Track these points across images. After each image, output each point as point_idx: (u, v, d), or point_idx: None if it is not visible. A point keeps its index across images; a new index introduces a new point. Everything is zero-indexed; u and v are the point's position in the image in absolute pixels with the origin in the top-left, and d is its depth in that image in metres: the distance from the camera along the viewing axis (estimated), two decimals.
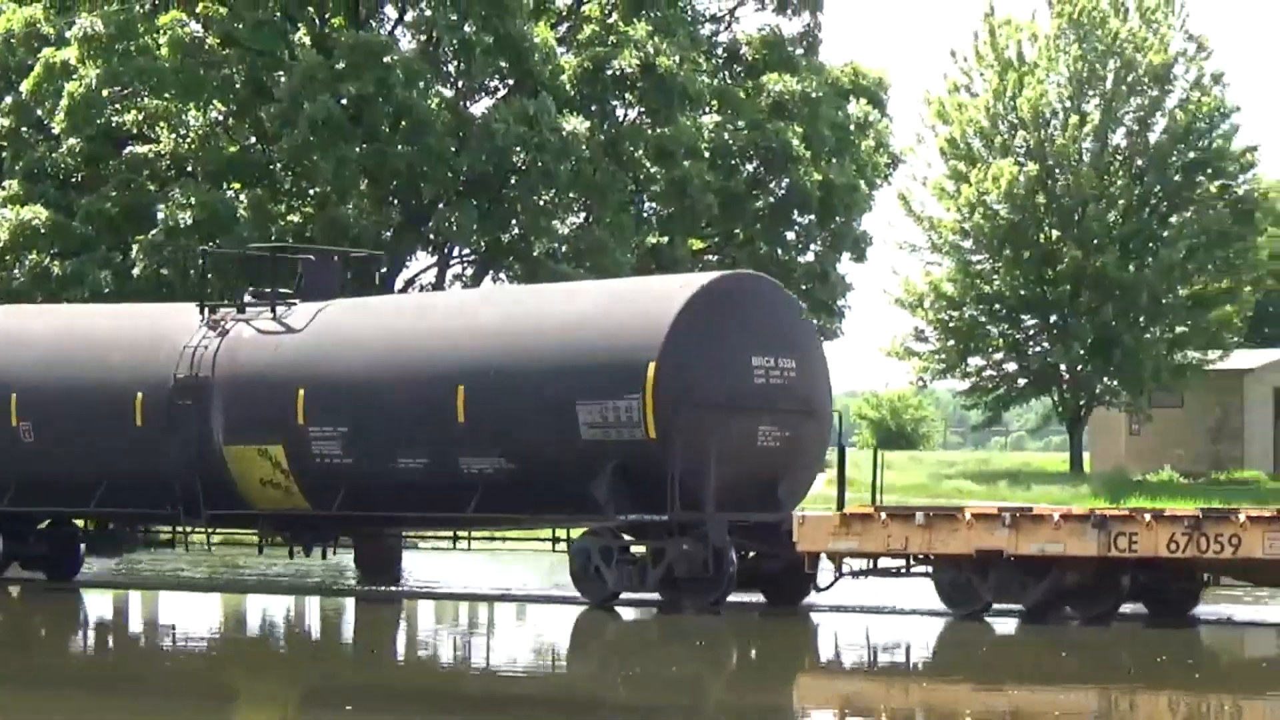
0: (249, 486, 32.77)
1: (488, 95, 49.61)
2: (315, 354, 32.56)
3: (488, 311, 32.47)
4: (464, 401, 30.93)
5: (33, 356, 35.00)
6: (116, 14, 46.08)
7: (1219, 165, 71.88)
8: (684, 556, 29.17)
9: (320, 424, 32.06)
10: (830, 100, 51.69)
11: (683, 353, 29.75)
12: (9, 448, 34.57)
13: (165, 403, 33.22)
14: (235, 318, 33.79)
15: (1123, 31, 71.14)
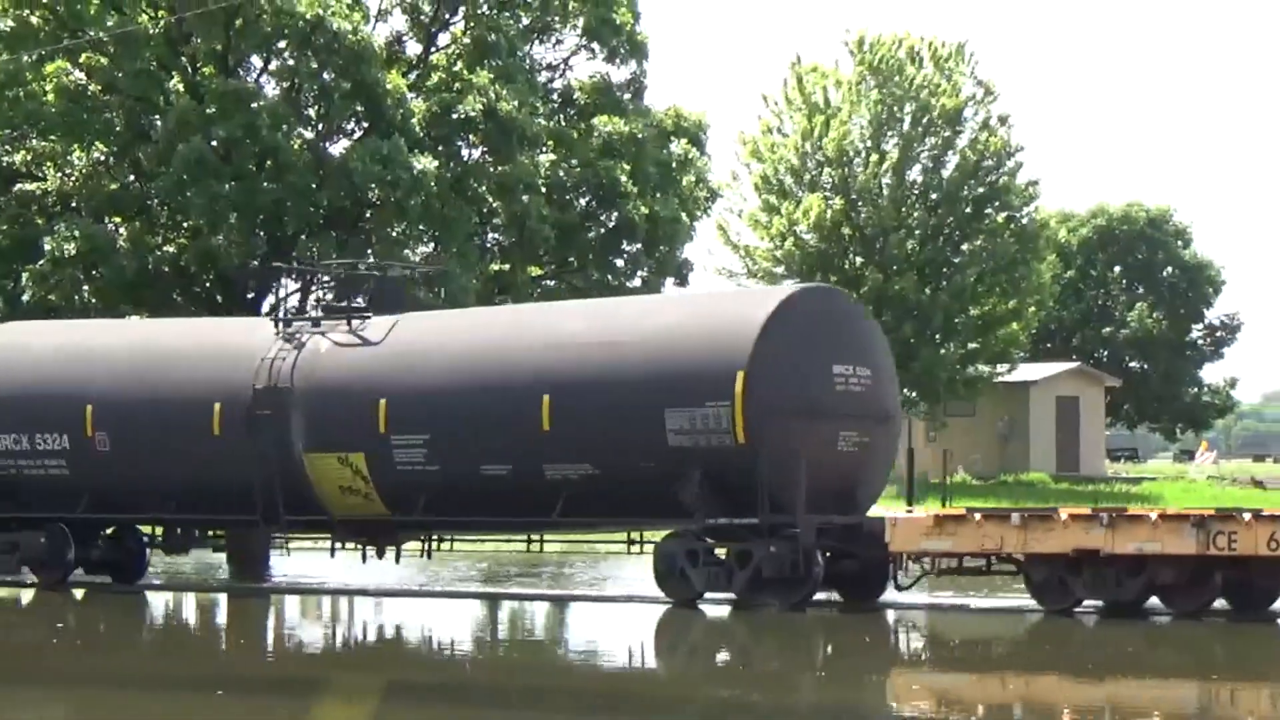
0: (328, 493, 31.48)
1: (345, 137, 49.89)
2: (395, 365, 31.24)
3: (571, 322, 31.01)
4: (549, 410, 29.58)
5: (108, 369, 33.63)
6: (7, 62, 46.32)
7: (1005, 198, 72.18)
8: (772, 558, 27.95)
9: (402, 433, 30.67)
10: (655, 140, 52.47)
11: (770, 362, 28.58)
12: (85, 457, 33.17)
13: (244, 413, 31.90)
14: (311, 331, 32.57)
15: (918, 78, 71.29)
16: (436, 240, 49.05)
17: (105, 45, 47.09)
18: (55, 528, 33.20)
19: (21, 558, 33.32)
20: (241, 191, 46.23)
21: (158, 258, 47.68)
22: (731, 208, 73.15)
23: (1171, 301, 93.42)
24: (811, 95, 72.39)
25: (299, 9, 46.12)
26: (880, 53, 71.37)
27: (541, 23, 52.75)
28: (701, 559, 28.58)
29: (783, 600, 28.25)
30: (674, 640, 26.70)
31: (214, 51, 48.31)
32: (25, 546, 33.19)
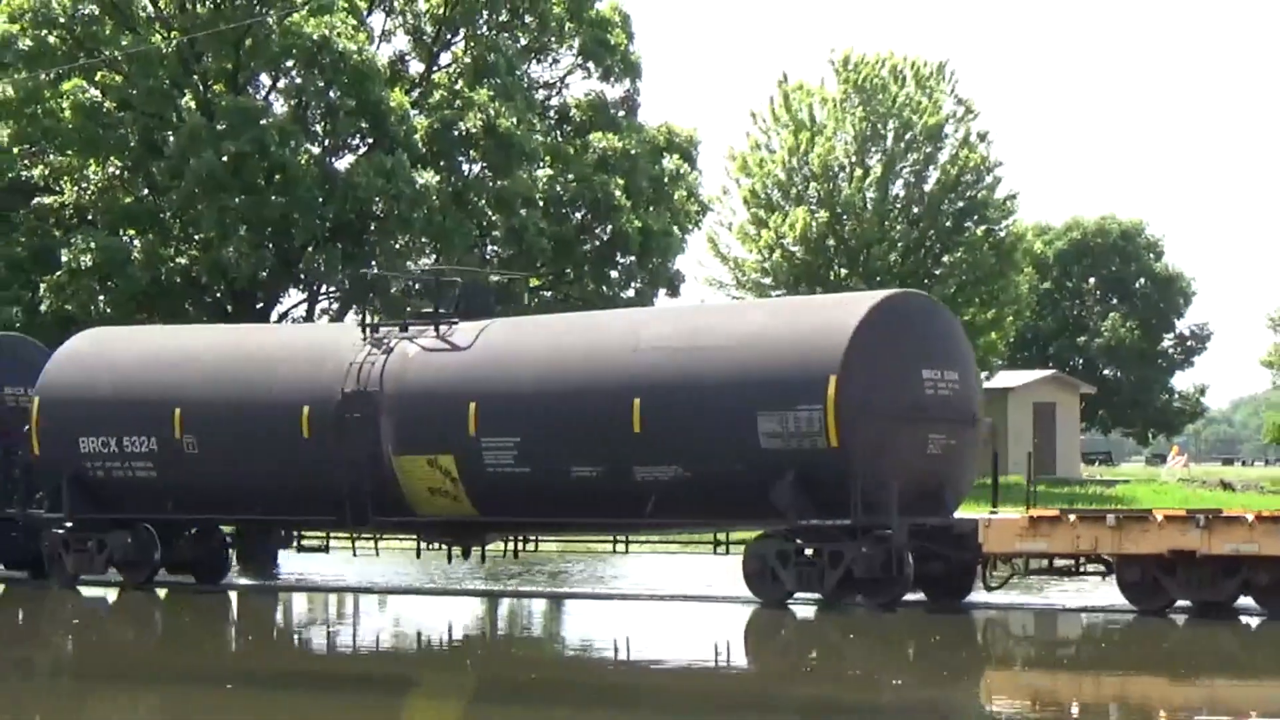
0: (416, 494, 30.77)
1: (350, 152, 50.25)
2: (485, 369, 30.50)
3: (660, 326, 30.23)
4: (639, 413, 28.92)
5: (197, 373, 32.89)
6: (25, 81, 46.68)
7: (984, 212, 71.92)
8: (864, 558, 27.33)
9: (493, 435, 29.92)
10: (648, 156, 53.00)
11: (862, 365, 27.97)
12: (173, 459, 32.41)
13: (333, 416, 31.13)
14: (399, 336, 31.73)
15: (901, 96, 71.14)
16: (438, 252, 49.39)
17: (120, 64, 47.46)
18: (141, 528, 32.71)
19: (109, 558, 32.78)
20: (250, 205, 46.56)
21: (170, 269, 48.05)
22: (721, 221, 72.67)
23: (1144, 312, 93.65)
24: (798, 113, 72.19)
25: (306, 30, 46.43)
26: (864, 72, 71.30)
27: (539, 43, 53.12)
28: (793, 559, 28.05)
29: (873, 600, 27.75)
30: (764, 640, 26.10)
31: (224, 70, 48.70)
32: (113, 546, 32.65)
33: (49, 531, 33.27)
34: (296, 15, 47.13)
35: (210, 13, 48.14)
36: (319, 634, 27.10)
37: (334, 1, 47.45)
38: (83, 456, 32.93)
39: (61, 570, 33.10)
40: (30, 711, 18.80)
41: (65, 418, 33.16)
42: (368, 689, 20.40)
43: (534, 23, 52.08)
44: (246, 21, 47.29)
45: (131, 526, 32.68)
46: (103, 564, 32.89)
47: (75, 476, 32.98)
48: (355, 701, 19.50)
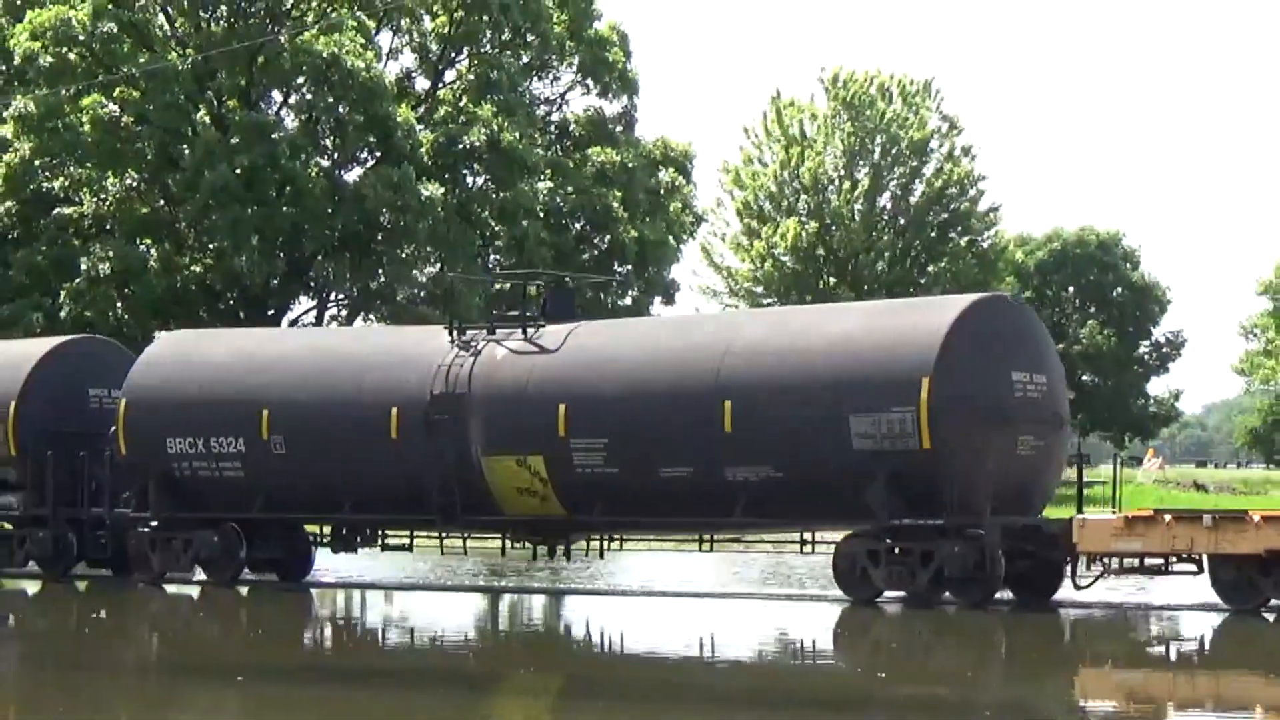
0: (505, 494, 30.05)
1: (358, 165, 50.38)
2: (574, 371, 29.79)
3: (751, 329, 29.51)
4: (731, 414, 28.21)
5: (284, 375, 32.17)
6: (46, 97, 46.83)
7: (967, 223, 72.29)
8: (956, 558, 26.69)
9: (582, 436, 29.25)
10: (644, 169, 53.04)
11: (954, 368, 27.30)
12: (260, 460, 31.69)
13: (421, 417, 30.35)
14: (486, 339, 30.99)
15: (888, 112, 71.47)
16: (442, 261, 49.48)
17: (137, 81, 47.56)
18: (227, 527, 32.06)
19: (195, 556, 32.15)
20: (263, 216, 46.75)
21: (186, 277, 48.25)
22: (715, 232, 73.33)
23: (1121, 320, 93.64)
24: (789, 128, 72.61)
25: (316, 48, 46.59)
26: (853, 89, 71.64)
27: (540, 61, 53.21)
28: (883, 558, 27.35)
29: (964, 599, 27.16)
30: (856, 637, 25.43)
31: (238, 87, 48.80)
32: (199, 545, 32.01)
33: (135, 530, 32.69)
34: (307, 34, 47.32)
35: (224, 32, 48.29)
36: (401, 631, 26.48)
37: (343, 21, 47.63)
38: (170, 457, 32.34)
39: (147, 568, 32.51)
40: (119, 707, 18.53)
41: (152, 419, 32.52)
42: (455, 685, 19.86)
43: (535, 41, 52.20)
44: (259, 40, 47.45)
45: (217, 525, 32.14)
46: (189, 562, 32.36)
47: (162, 476, 32.42)
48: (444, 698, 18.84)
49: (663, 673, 21.16)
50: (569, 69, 53.76)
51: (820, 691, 19.32)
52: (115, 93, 47.91)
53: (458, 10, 50.78)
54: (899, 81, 72.12)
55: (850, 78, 71.81)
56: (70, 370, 34.55)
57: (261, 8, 48.74)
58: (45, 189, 49.16)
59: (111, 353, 35.62)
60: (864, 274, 70.38)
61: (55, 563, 33.83)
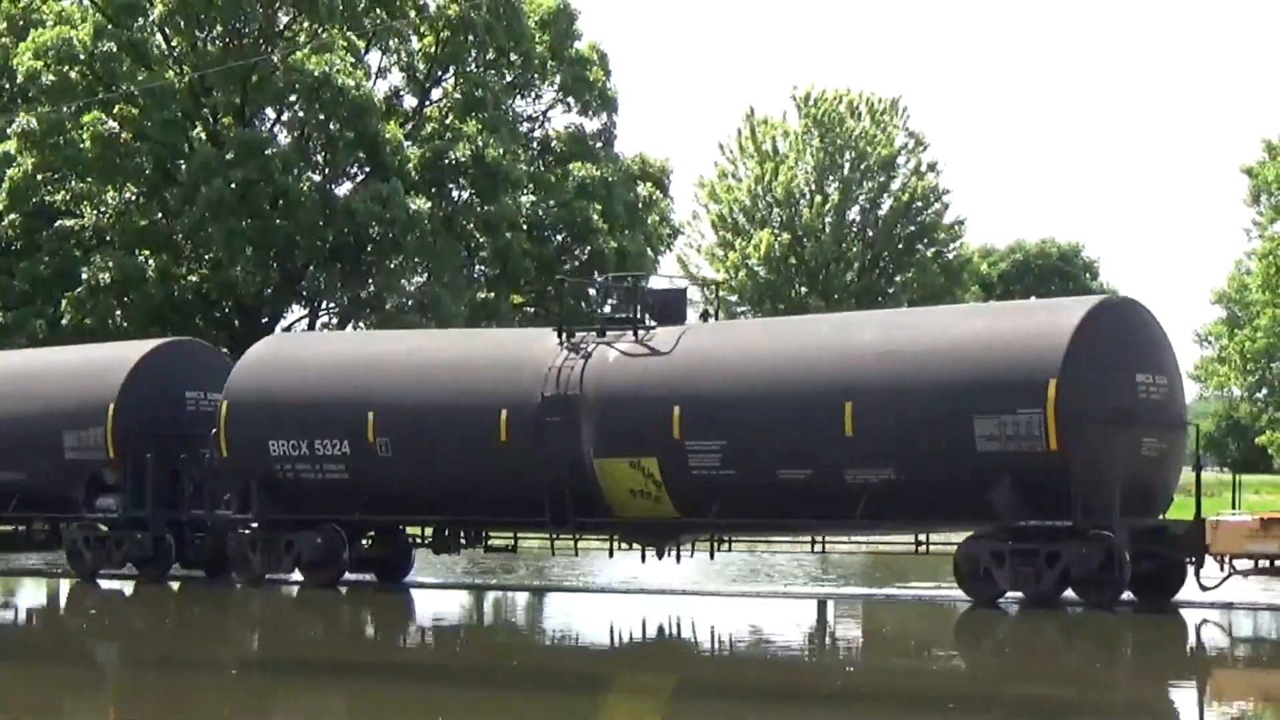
0: (617, 496, 28.89)
1: (349, 180, 50.37)
2: (688, 373, 28.58)
3: (870, 331, 28.31)
4: (851, 416, 27.07)
5: (390, 377, 30.96)
6: (48, 114, 46.75)
7: (933, 235, 72.68)
8: (1082, 559, 25.71)
9: (697, 439, 28.07)
10: (623, 184, 53.10)
11: (1080, 369, 26.21)
12: (365, 462, 30.47)
13: (531, 419, 29.22)
14: (596, 341, 29.71)
15: (857, 130, 71.88)
16: (429, 272, 49.51)
17: (136, 98, 47.49)
18: (330, 529, 30.80)
19: (297, 557, 31.00)
20: (257, 228, 46.74)
21: (183, 286, 48.15)
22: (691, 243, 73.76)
23: None
24: (762, 144, 72.97)
25: (308, 67, 46.56)
26: (823, 107, 72.01)
27: (523, 80, 53.25)
28: (1008, 559, 26.23)
29: (1090, 599, 26.10)
30: (979, 638, 24.40)
31: (233, 104, 48.77)
32: (301, 546, 30.87)
33: (235, 532, 31.64)
34: (299, 54, 47.25)
35: (220, 51, 48.23)
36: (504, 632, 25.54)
37: (334, 41, 47.58)
38: (272, 459, 31.19)
39: (248, 569, 31.47)
40: (220, 704, 18.11)
41: (254, 421, 31.41)
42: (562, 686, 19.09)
43: (519, 61, 52.23)
44: (253, 59, 47.40)
45: (319, 527, 31.01)
46: (290, 563, 31.25)
47: (264, 478, 31.23)
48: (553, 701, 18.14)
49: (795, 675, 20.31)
50: (551, 87, 53.81)
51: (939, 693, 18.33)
52: (115, 110, 47.84)
53: (444, 31, 50.78)
54: (867, 100, 72.51)
55: (821, 96, 72.13)
56: (167, 373, 33.38)
57: (255, 28, 48.67)
58: (47, 202, 49.07)
59: (207, 355, 34.83)
60: (834, 284, 70.69)
61: (153, 565, 32.75)
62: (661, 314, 30.08)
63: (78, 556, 33.13)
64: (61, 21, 48.02)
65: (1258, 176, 67.66)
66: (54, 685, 19.49)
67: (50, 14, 48.77)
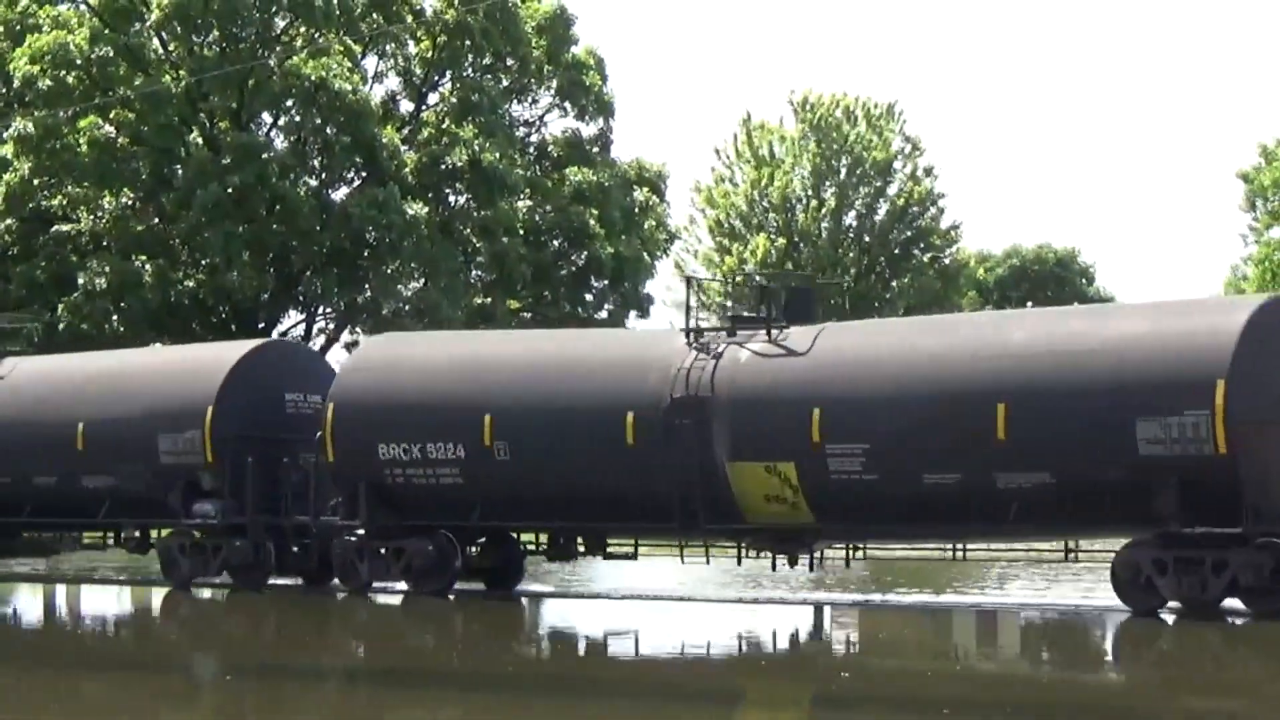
0: (750, 502, 27.61)
1: (345, 185, 50.26)
2: (827, 374, 27.35)
3: (1024, 330, 27.03)
4: (1005, 419, 25.86)
5: (508, 379, 29.70)
6: (45, 118, 46.63)
7: (929, 240, 72.57)
8: (1252, 567, 24.63)
9: (838, 442, 26.81)
10: (620, 189, 52.89)
11: (1247, 370, 25.06)
12: (482, 466, 29.19)
13: (660, 422, 27.96)
14: (727, 341, 28.52)
15: (853, 135, 71.73)
16: (426, 277, 49.34)
17: (132, 103, 47.42)
18: (442, 536, 29.71)
19: (406, 565, 29.70)
20: (253, 233, 46.65)
21: (179, 291, 47.97)
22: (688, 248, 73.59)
23: None
24: (759, 149, 72.88)
25: (305, 72, 46.49)
26: (820, 112, 71.91)
27: (520, 84, 53.18)
28: (1171, 567, 25.13)
29: (1256, 609, 24.92)
30: (1140, 648, 23.40)
31: (229, 109, 48.70)
32: (411, 554, 29.59)
33: (341, 539, 30.44)
34: (296, 59, 47.17)
35: (216, 56, 48.15)
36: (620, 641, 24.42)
37: (331, 46, 47.52)
38: (381, 463, 29.91)
39: (354, 577, 30.27)
40: (328, 716, 17.59)
41: (363, 424, 30.13)
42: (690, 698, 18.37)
43: (515, 66, 52.17)
44: (250, 64, 47.33)
45: (429, 534, 29.83)
46: (399, 571, 29.94)
47: (373, 483, 29.97)
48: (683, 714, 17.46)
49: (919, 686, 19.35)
50: (547, 92, 53.75)
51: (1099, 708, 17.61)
52: (111, 114, 47.77)
53: (441, 36, 50.72)
54: (864, 105, 72.41)
55: (818, 101, 72.04)
56: (266, 374, 32.19)
57: (252, 33, 48.61)
58: (44, 207, 49.01)
59: (306, 356, 33.87)
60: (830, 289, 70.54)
61: (252, 572, 31.48)
62: (790, 313, 28.88)
63: (173, 564, 31.95)
64: (58, 26, 47.88)
65: (1253, 182, 67.65)
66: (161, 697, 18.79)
67: (47, 19, 48.60)
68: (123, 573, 36.97)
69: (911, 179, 72.45)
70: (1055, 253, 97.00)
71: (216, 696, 18.89)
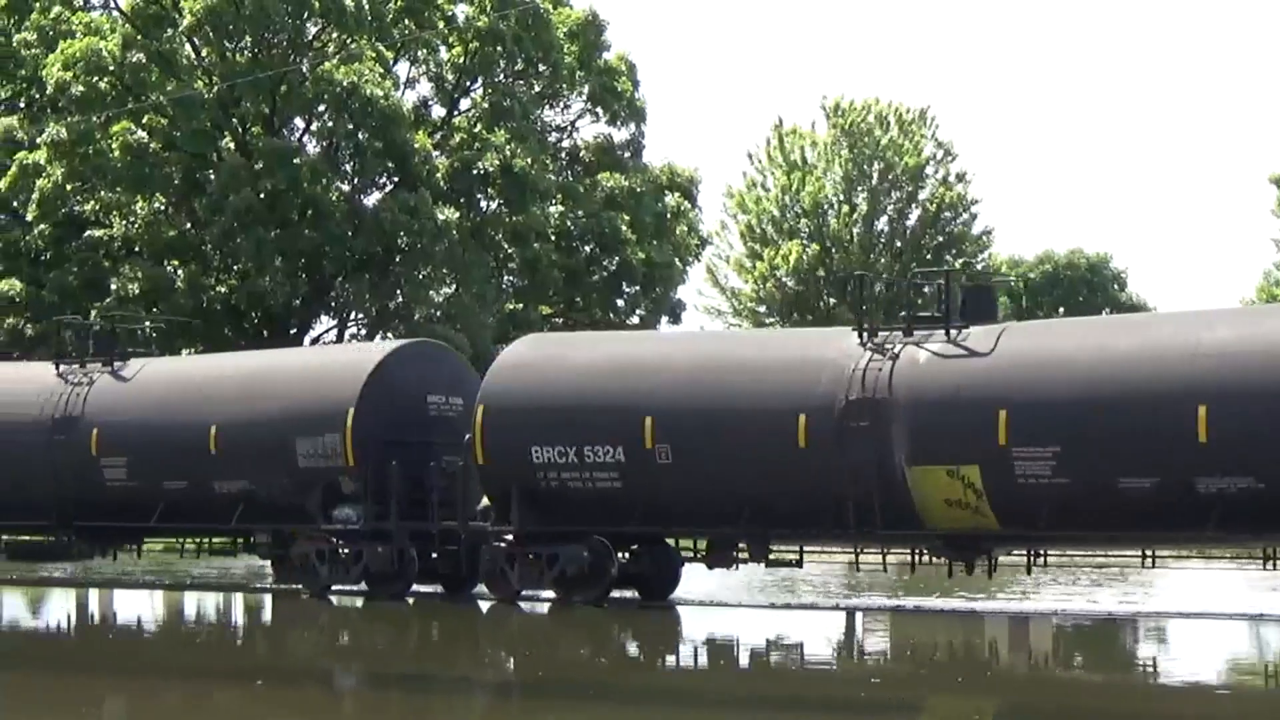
0: (930, 506, 26.69)
1: (377, 190, 50.24)
2: (1014, 374, 26.34)
3: (1224, 329, 25.94)
4: (1206, 420, 24.82)
5: (670, 379, 28.66)
6: (78, 123, 46.69)
7: (961, 246, 72.21)
8: None
9: (1026, 445, 25.81)
10: (651, 194, 52.85)
11: None
12: (642, 470, 28.20)
13: (835, 425, 27.01)
14: (903, 341, 27.50)
15: (885, 140, 71.45)
16: (457, 282, 49.34)
17: (165, 108, 47.43)
18: (598, 541, 28.76)
19: (559, 572, 28.80)
20: (285, 238, 46.67)
21: (211, 296, 48.00)
22: (719, 254, 73.33)
23: None
24: (791, 154, 72.64)
25: (337, 78, 46.48)
26: (851, 117, 71.66)
27: (551, 90, 53.14)
28: None
29: None
30: None
31: (261, 114, 48.76)
32: (565, 560, 28.67)
33: (490, 545, 29.51)
34: (328, 64, 47.16)
35: (249, 61, 48.19)
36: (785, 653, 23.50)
37: (362, 52, 47.51)
38: (534, 466, 28.93)
39: (505, 585, 29.41)
40: None
41: (515, 426, 29.15)
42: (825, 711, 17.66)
43: (547, 71, 52.11)
44: (282, 70, 47.33)
45: (583, 540, 28.92)
46: (551, 579, 29.06)
47: (525, 487, 29.01)
48: None
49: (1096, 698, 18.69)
50: (579, 97, 53.69)
51: None
52: (144, 120, 47.77)
53: (473, 41, 50.69)
54: (896, 110, 72.18)
55: (850, 106, 71.82)
56: (407, 376, 31.21)
57: (284, 38, 48.60)
58: (77, 212, 49.01)
59: (448, 357, 32.89)
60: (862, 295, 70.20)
61: (394, 580, 30.53)
62: (970, 312, 27.81)
63: (310, 570, 31.13)
64: (91, 32, 47.99)
65: None
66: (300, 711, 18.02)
67: (79, 25, 48.76)
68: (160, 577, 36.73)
69: (943, 184, 72.17)
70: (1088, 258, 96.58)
71: (357, 707, 18.25)
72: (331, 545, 30.92)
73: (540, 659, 22.69)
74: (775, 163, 72.84)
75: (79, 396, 33.83)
